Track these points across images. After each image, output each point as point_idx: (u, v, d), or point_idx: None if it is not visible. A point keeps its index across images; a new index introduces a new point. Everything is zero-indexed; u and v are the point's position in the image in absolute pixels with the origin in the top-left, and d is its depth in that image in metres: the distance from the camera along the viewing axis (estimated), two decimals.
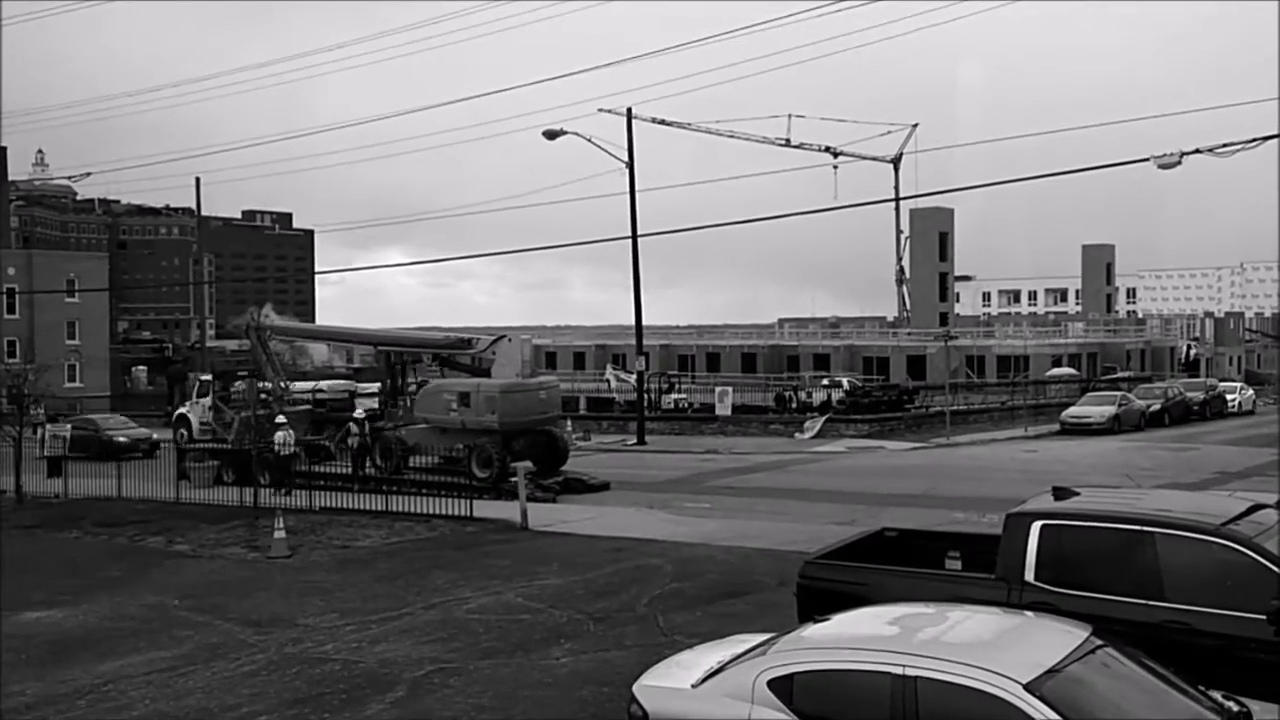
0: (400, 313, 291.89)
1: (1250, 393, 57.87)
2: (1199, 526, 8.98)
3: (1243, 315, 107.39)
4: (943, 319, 79.38)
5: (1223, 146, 17.86)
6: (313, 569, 19.42)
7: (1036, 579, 9.25)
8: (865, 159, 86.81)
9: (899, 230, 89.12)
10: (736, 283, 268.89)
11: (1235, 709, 7.14)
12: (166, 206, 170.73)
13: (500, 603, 16.09)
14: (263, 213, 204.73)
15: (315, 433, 34.46)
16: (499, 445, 28.82)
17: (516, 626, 14.66)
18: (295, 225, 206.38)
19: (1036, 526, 9.45)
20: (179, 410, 43.13)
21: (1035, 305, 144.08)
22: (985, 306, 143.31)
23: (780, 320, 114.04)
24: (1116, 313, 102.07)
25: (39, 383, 33.89)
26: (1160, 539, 8.95)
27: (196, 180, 66.56)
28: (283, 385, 35.45)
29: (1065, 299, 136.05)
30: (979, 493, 25.26)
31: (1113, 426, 42.56)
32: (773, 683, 7.29)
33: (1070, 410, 45.06)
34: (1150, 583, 8.82)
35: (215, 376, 42.33)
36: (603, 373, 62.61)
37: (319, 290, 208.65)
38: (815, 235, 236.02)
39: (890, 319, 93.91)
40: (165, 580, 19.03)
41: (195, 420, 40.56)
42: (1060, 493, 10.30)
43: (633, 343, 46.22)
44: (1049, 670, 6.77)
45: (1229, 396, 53.90)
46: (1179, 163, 18.65)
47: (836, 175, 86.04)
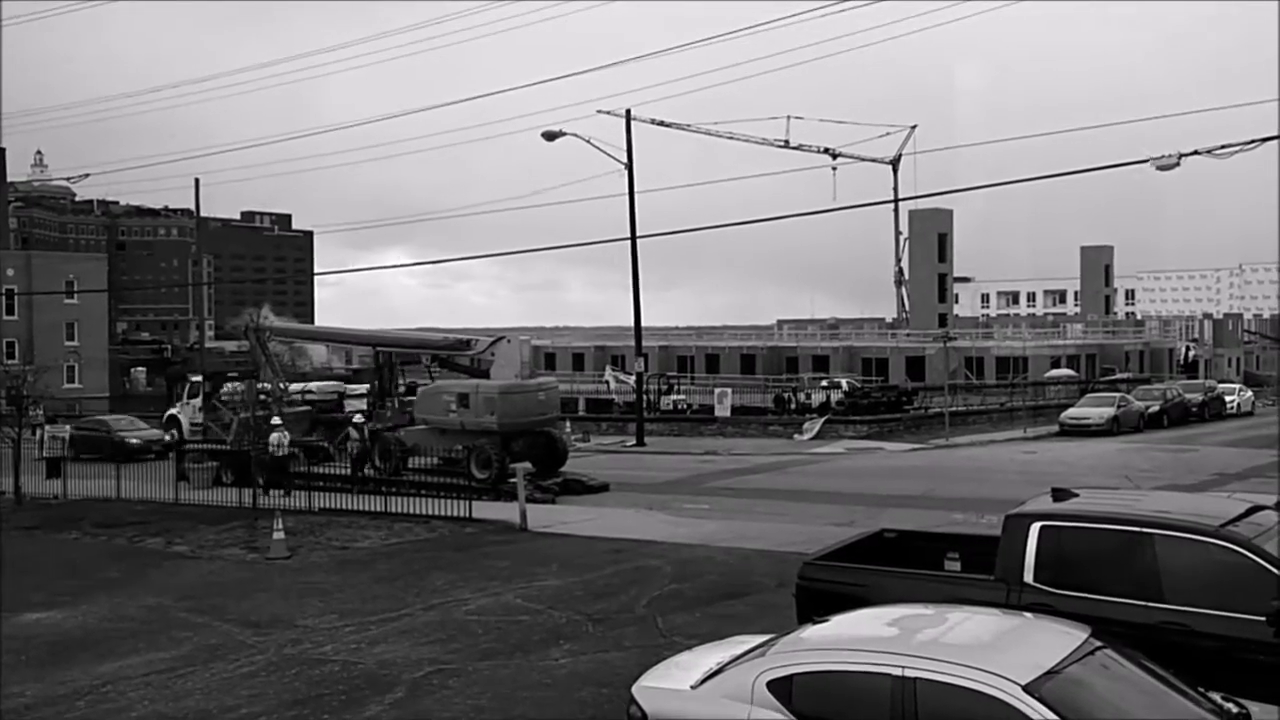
0: (399, 313, 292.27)
1: (1249, 394, 57.97)
2: (1198, 528, 8.98)
3: (1241, 317, 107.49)
4: (942, 320, 79.40)
5: (1221, 148, 17.90)
6: (312, 570, 19.42)
7: (1035, 580, 9.25)
8: (864, 160, 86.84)
9: (898, 231, 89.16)
10: (735, 284, 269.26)
11: (1234, 710, 7.15)
12: (165, 207, 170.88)
13: (499, 604, 16.09)
14: (262, 214, 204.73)
15: (314, 433, 34.44)
16: (498, 446, 28.81)
17: (516, 628, 14.67)
18: (294, 226, 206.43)
19: (1035, 528, 9.45)
20: (169, 411, 43.86)
21: (1034, 306, 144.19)
22: (984, 308, 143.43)
23: (779, 321, 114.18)
24: (1115, 314, 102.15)
25: (38, 384, 33.82)
26: (1159, 540, 8.95)
27: (196, 181, 66.47)
28: (281, 386, 35.43)
29: (1064, 300, 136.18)
30: (978, 494, 25.27)
31: (1111, 428, 42.62)
32: (772, 684, 7.30)
33: (1069, 411, 45.13)
34: (1149, 584, 8.83)
35: (206, 378, 42.91)
36: (602, 374, 62.56)
37: (318, 291, 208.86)
38: (814, 236, 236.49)
39: (889, 320, 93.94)
40: (164, 581, 19.02)
41: (185, 421, 41.05)
42: (1059, 494, 10.31)
43: (632, 344, 46.24)
44: (1048, 671, 6.78)
45: (1228, 398, 53.98)
46: (1178, 164, 18.69)
47: (835, 176, 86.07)
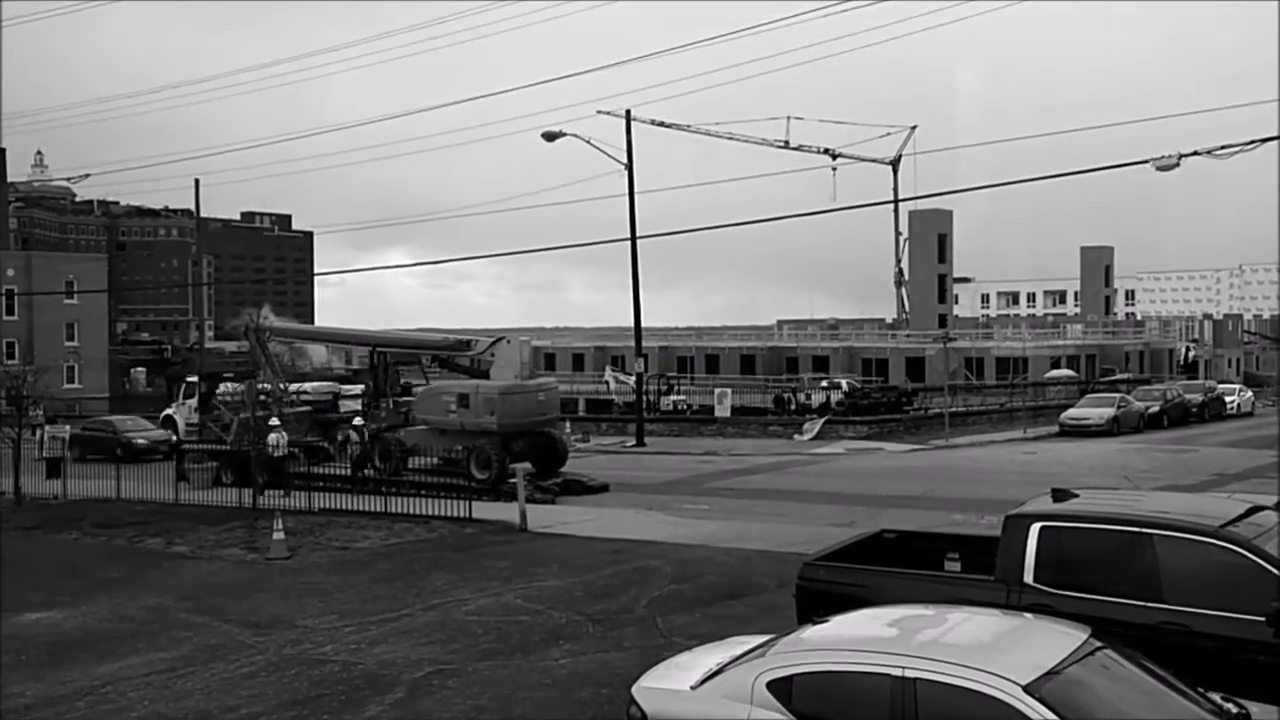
0: (400, 314, 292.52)
1: (1249, 395, 57.98)
2: (1198, 528, 8.98)
3: (1241, 317, 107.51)
4: (941, 321, 79.39)
5: (1221, 148, 17.91)
6: (312, 570, 19.42)
7: (1035, 581, 9.25)
8: (864, 161, 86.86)
9: (898, 232, 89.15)
10: (735, 284, 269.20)
11: (1234, 711, 7.16)
12: (166, 208, 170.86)
13: (499, 604, 16.09)
14: (262, 214, 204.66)
15: (315, 434, 34.45)
16: (498, 447, 28.80)
17: (515, 628, 14.67)
18: (295, 227, 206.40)
19: (1035, 528, 9.45)
20: (166, 412, 44.19)
21: (1034, 307, 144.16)
22: (984, 308, 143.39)
23: (779, 322, 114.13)
24: (1115, 314, 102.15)
25: (38, 384, 33.80)
26: (1159, 541, 8.95)
27: (196, 182, 66.53)
28: (282, 387, 35.43)
29: (1064, 301, 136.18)
30: (978, 494, 25.27)
31: (1111, 428, 42.64)
32: (772, 684, 7.30)
33: (1069, 412, 45.15)
34: (1149, 584, 8.83)
35: (201, 378, 43.03)
36: (601, 374, 62.55)
37: (318, 291, 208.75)
38: (814, 237, 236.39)
39: (889, 321, 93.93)
40: (164, 581, 19.02)
41: (181, 421, 41.23)
42: (1059, 494, 10.31)
43: (631, 344, 46.24)
44: (1048, 672, 6.78)
45: (1228, 398, 53.99)
46: (1177, 165, 18.70)
47: (835, 177, 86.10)
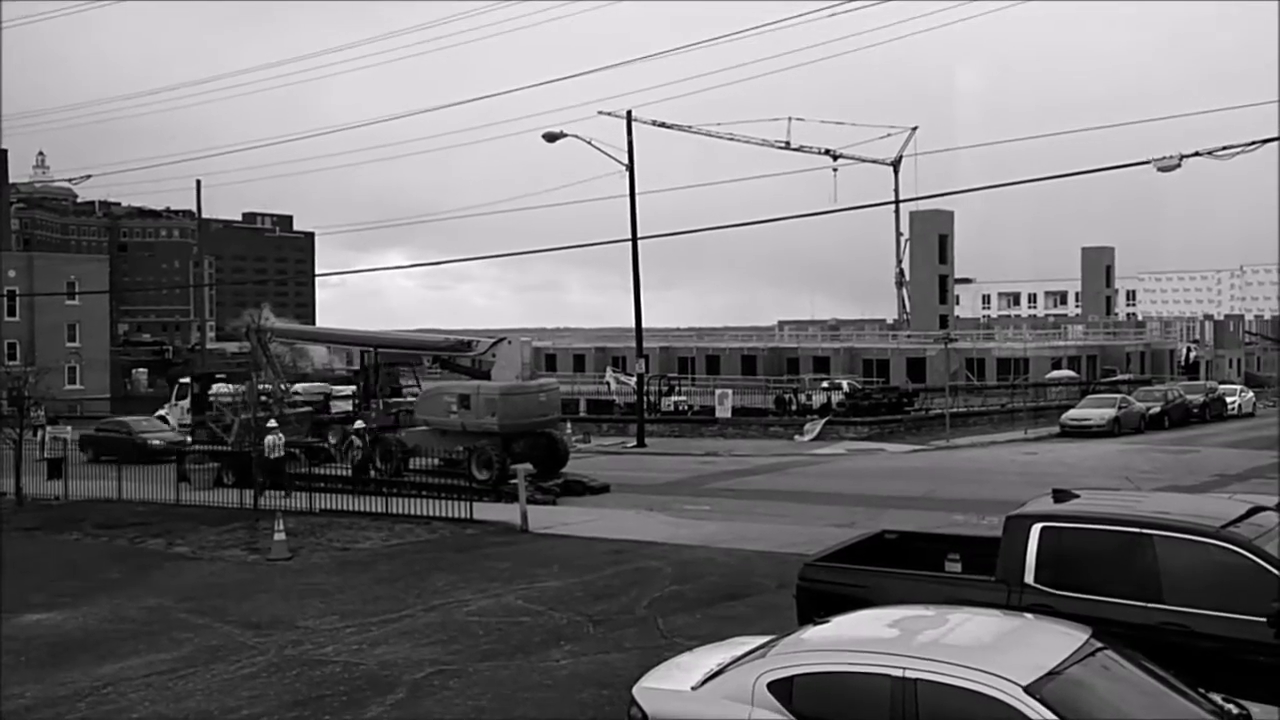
0: (400, 315, 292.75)
1: (1250, 395, 57.97)
2: (1198, 529, 8.98)
3: (1242, 318, 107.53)
4: (942, 321, 79.39)
5: (1222, 149, 17.90)
6: (313, 571, 19.42)
7: (1036, 581, 9.24)
8: (865, 161, 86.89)
9: (899, 233, 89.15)
10: (736, 285, 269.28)
11: (1235, 711, 7.15)
12: (167, 209, 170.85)
13: (500, 605, 16.09)
14: (263, 215, 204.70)
15: (315, 434, 34.47)
16: (499, 447, 28.81)
17: (516, 629, 14.67)
18: (295, 228, 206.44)
19: (1036, 529, 9.44)
20: (159, 413, 44.77)
21: (1035, 308, 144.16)
22: (985, 309, 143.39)
23: (780, 322, 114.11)
24: (1116, 315, 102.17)
25: (39, 385, 33.82)
26: (1160, 541, 8.94)
27: (197, 183, 66.66)
28: (283, 388, 35.45)
29: (1065, 301, 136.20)
30: (978, 495, 25.26)
31: (1112, 429, 42.62)
32: (773, 685, 7.30)
33: (1070, 413, 45.15)
34: (1150, 585, 8.82)
35: (193, 379, 43.37)
36: (602, 375, 62.55)
37: (319, 292, 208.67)
38: (815, 238, 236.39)
39: (890, 321, 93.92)
40: (165, 582, 19.02)
41: (174, 422, 41.53)
42: (1060, 495, 10.30)
43: (632, 345, 46.24)
44: (1049, 673, 6.78)
45: (1229, 399, 53.97)
46: (1178, 165, 18.70)
47: (836, 178, 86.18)
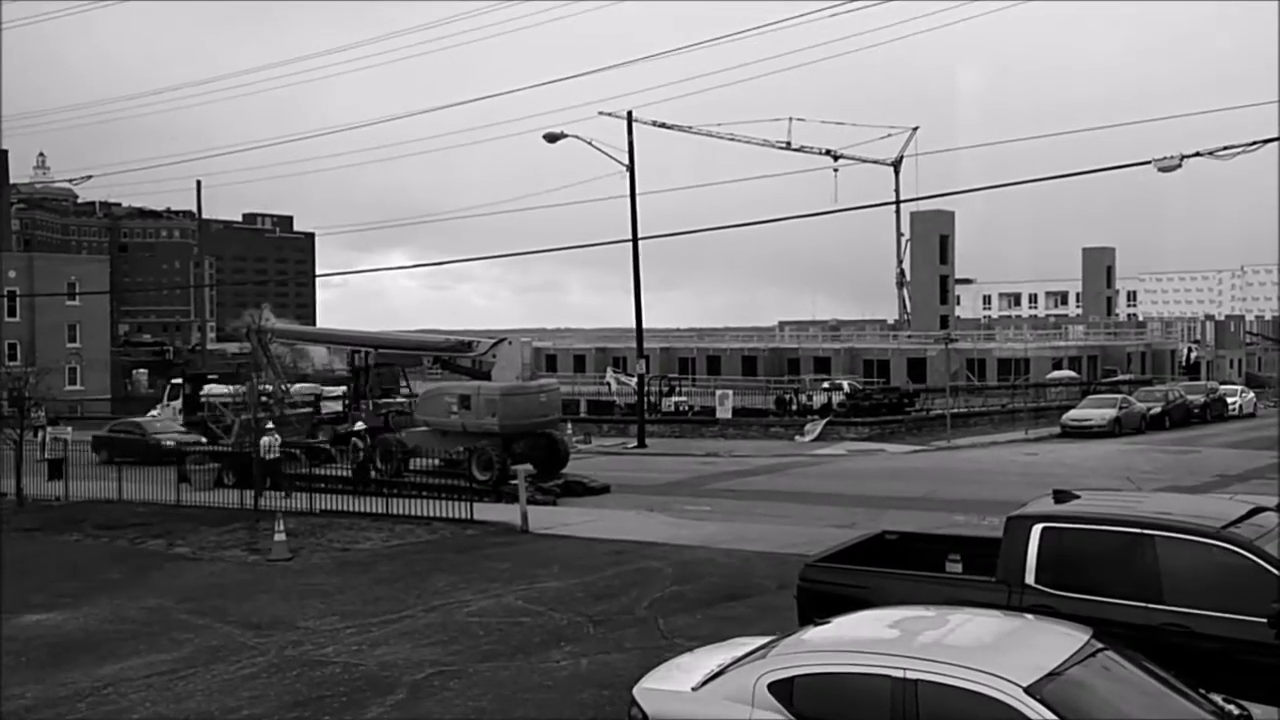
0: (400, 315, 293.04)
1: (1251, 395, 57.96)
2: (1199, 529, 8.97)
3: (1243, 318, 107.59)
4: (943, 322, 79.39)
5: (1223, 149, 17.90)
6: (313, 572, 19.41)
7: (1037, 582, 9.24)
8: (866, 162, 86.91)
9: (899, 233, 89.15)
10: (736, 285, 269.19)
11: (1236, 712, 7.15)
12: (167, 209, 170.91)
13: (500, 605, 16.08)
14: (264, 215, 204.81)
15: (315, 435, 34.48)
16: (499, 448, 28.80)
17: (517, 629, 14.66)
18: (296, 228, 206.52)
19: (1037, 529, 9.44)
20: (150, 413, 45.19)
21: (1036, 308, 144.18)
22: (986, 309, 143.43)
23: (780, 323, 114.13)
24: (1117, 315, 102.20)
25: (40, 385, 33.82)
26: (1160, 542, 8.94)
27: (198, 183, 66.84)
28: (284, 388, 35.47)
29: (1066, 302, 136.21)
30: (979, 495, 25.26)
31: (1113, 429, 42.62)
32: (773, 686, 7.29)
33: (1071, 413, 45.13)
34: (1150, 586, 8.81)
35: (185, 380, 43.90)
36: (603, 375, 62.55)
37: (320, 293, 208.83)
38: (816, 238, 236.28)
39: (891, 322, 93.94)
40: (165, 583, 19.01)
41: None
42: (1061, 496, 10.29)
43: (633, 345, 46.24)
44: (1049, 673, 6.77)
45: (1230, 399, 53.95)
46: (1179, 166, 18.69)
47: (837, 178, 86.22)
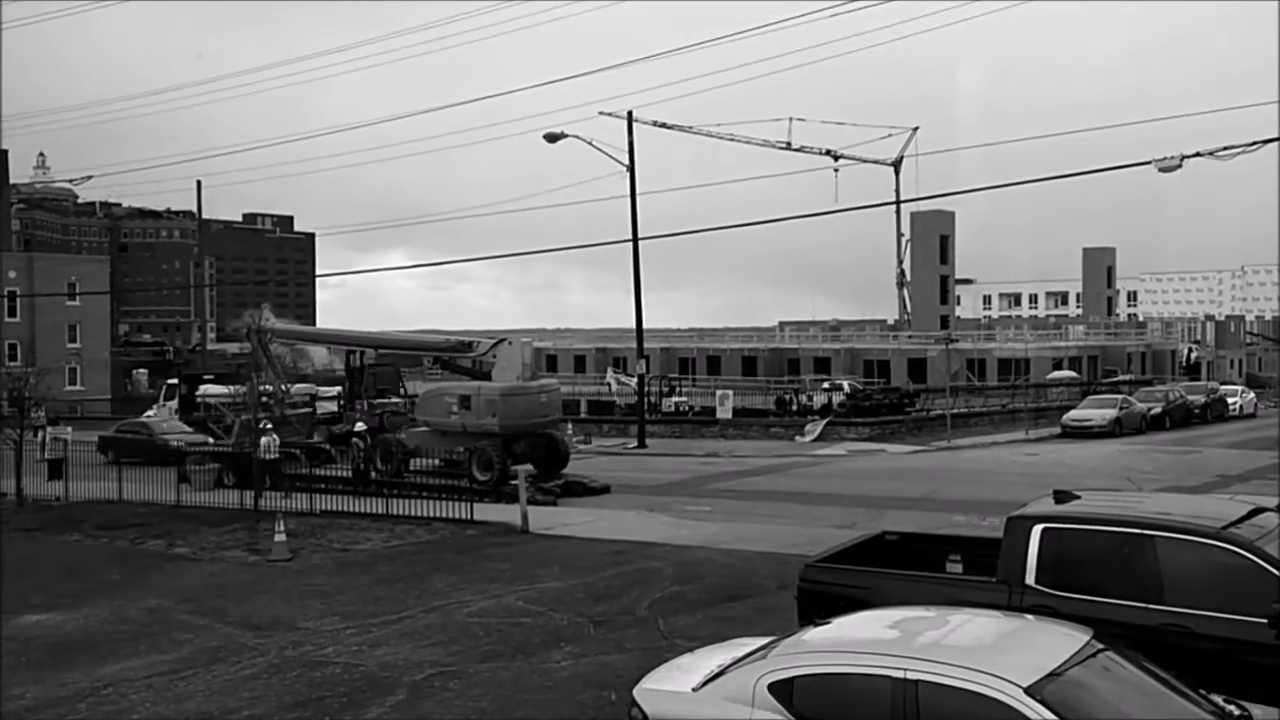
0: (399, 315, 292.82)
1: (1251, 396, 57.95)
2: (1200, 530, 8.97)
3: (1243, 318, 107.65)
4: (943, 322, 79.40)
5: (1223, 150, 17.90)
6: (313, 572, 19.41)
7: (1037, 582, 9.23)
8: (866, 162, 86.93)
9: (900, 233, 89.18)
10: (737, 286, 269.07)
11: (1236, 713, 7.14)
12: (168, 210, 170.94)
13: (500, 606, 16.08)
14: (264, 216, 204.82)
15: (311, 435, 34.48)
16: (499, 448, 28.80)
17: (517, 630, 14.66)
18: (296, 228, 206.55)
19: (1037, 530, 9.43)
20: (146, 414, 45.46)
21: (1036, 308, 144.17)
22: (986, 309, 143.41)
23: (781, 323, 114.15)
24: (1117, 316, 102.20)
25: (40, 386, 33.81)
26: (1161, 542, 8.93)
27: (198, 183, 66.91)
28: (284, 389, 35.48)
29: (1066, 302, 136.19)
30: (980, 496, 25.26)
31: (1114, 429, 42.61)
32: (773, 686, 7.29)
33: (1071, 413, 45.12)
34: (1151, 586, 8.81)
35: (180, 380, 44.23)
36: (603, 376, 62.58)
37: (320, 293, 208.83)
38: (816, 238, 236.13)
39: (891, 322, 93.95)
40: (166, 583, 19.01)
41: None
42: (1061, 496, 10.28)
43: (633, 346, 46.23)
44: (1050, 674, 6.77)
45: (1230, 400, 53.93)
46: (1179, 166, 18.69)
47: (837, 178, 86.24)
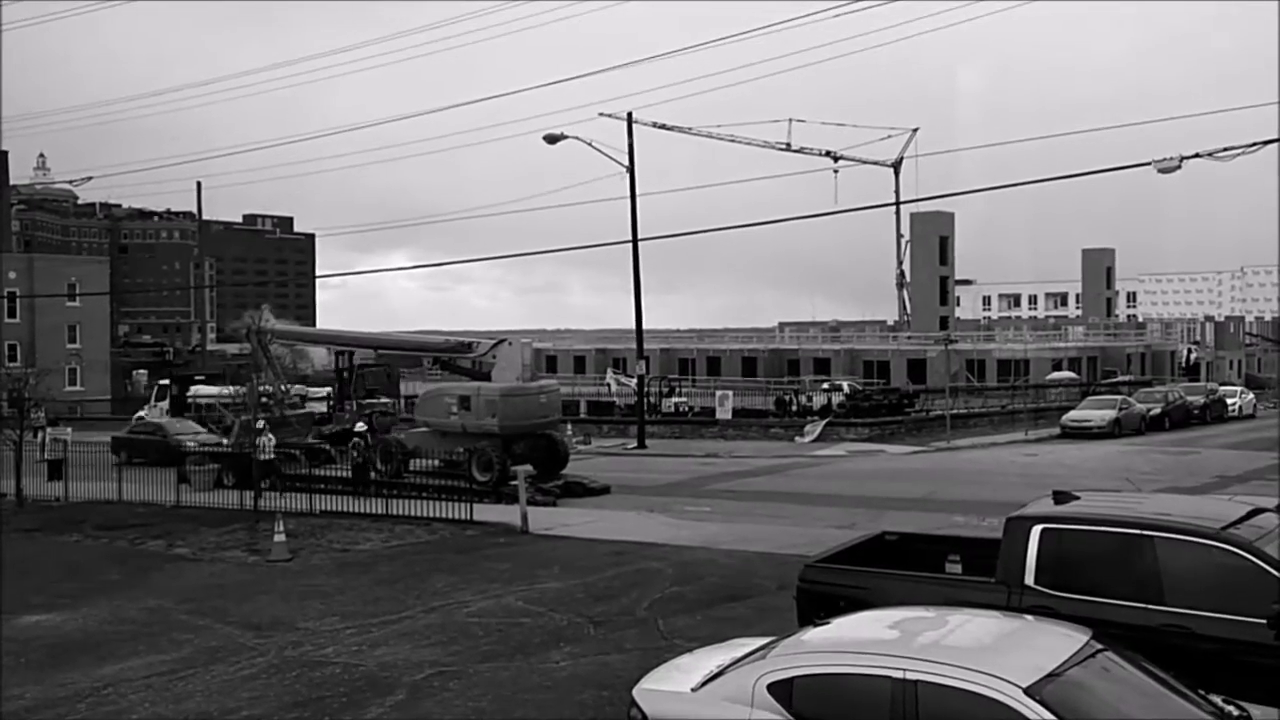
0: (400, 316, 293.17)
1: (1250, 397, 57.93)
2: (1199, 530, 8.97)
3: (1243, 319, 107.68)
4: (943, 323, 79.39)
5: (1223, 150, 17.91)
6: (313, 572, 19.41)
7: (1037, 583, 9.24)
8: (866, 163, 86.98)
9: (899, 234, 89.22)
10: (736, 287, 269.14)
11: (1235, 713, 7.15)
12: (168, 210, 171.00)
13: (500, 606, 16.09)
14: (264, 216, 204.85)
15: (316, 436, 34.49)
16: (499, 449, 28.80)
17: (516, 630, 14.66)
18: (296, 229, 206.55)
19: (1037, 530, 9.44)
20: (138, 414, 45.49)
21: (1035, 309, 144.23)
22: (985, 310, 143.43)
23: (780, 324, 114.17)
24: (1117, 317, 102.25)
25: (39, 386, 33.81)
26: (1160, 543, 8.94)
27: (198, 184, 66.90)
28: (283, 389, 35.50)
29: (1065, 303, 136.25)
30: (979, 496, 25.26)
31: (1113, 430, 42.61)
32: (772, 686, 7.29)
33: (1070, 414, 45.14)
34: (1150, 586, 8.82)
35: (172, 381, 44.60)
36: (603, 376, 62.59)
37: (320, 294, 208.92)
38: (816, 239, 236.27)
39: (891, 323, 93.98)
40: (165, 584, 19.02)
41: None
42: (1060, 496, 10.29)
43: (633, 346, 46.24)
44: (1049, 674, 6.78)
45: (1229, 400, 53.91)
46: (1179, 167, 18.71)
47: (837, 179, 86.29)
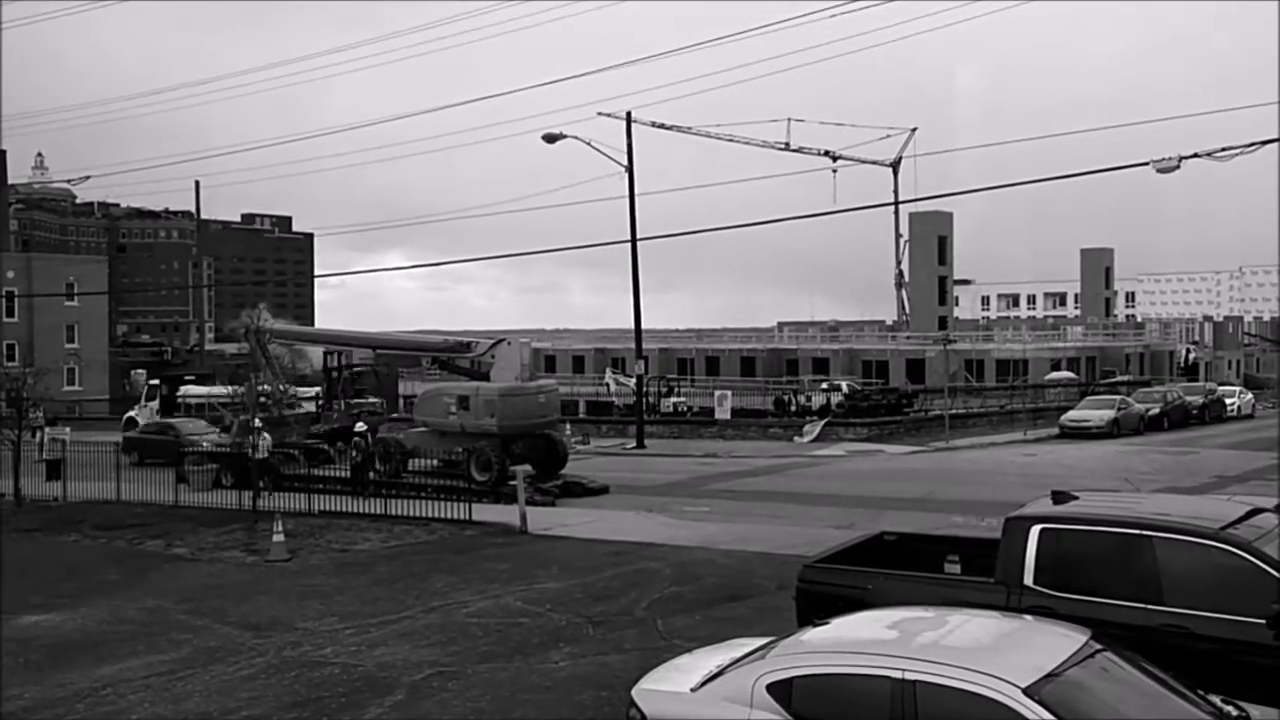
0: (398, 316, 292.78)
1: (1249, 397, 57.97)
2: (1198, 530, 8.98)
3: (1242, 319, 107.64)
4: (942, 323, 79.39)
5: (1222, 150, 17.93)
6: (312, 572, 19.41)
7: (1035, 583, 9.25)
8: (864, 163, 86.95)
9: (898, 234, 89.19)
10: (735, 286, 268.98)
11: (1234, 713, 7.15)
12: (166, 210, 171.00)
13: (499, 606, 16.09)
14: (262, 216, 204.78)
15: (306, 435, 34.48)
16: (498, 449, 28.80)
17: (515, 630, 14.66)
18: (295, 229, 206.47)
19: (1035, 530, 9.45)
20: (128, 414, 46.77)
21: (1034, 309, 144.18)
22: (984, 310, 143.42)
23: (779, 324, 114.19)
24: (1115, 316, 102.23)
25: (38, 386, 33.77)
26: (1159, 543, 8.95)
27: (196, 184, 66.83)
28: (282, 389, 35.47)
29: (1064, 303, 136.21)
30: (978, 496, 25.27)
31: (1112, 430, 42.65)
32: (772, 687, 7.29)
33: (1069, 414, 45.17)
34: (1149, 587, 8.82)
35: (161, 381, 46.51)
36: (602, 376, 62.59)
37: (318, 293, 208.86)
38: (814, 239, 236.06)
39: (889, 323, 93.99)
40: (164, 584, 19.01)
41: (142, 422, 42.58)
42: (1059, 497, 10.30)
43: (632, 346, 46.26)
44: (1048, 674, 6.78)
45: (1228, 400, 53.95)
46: (1177, 167, 18.72)
47: (836, 179, 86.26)
